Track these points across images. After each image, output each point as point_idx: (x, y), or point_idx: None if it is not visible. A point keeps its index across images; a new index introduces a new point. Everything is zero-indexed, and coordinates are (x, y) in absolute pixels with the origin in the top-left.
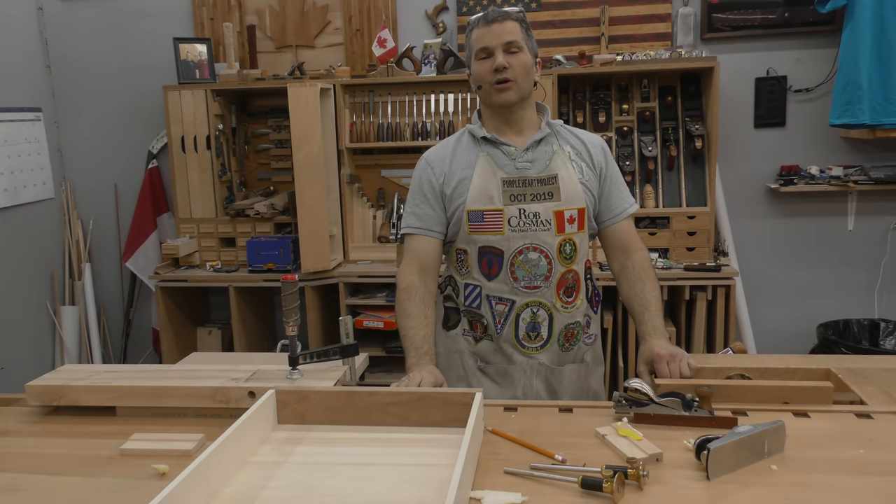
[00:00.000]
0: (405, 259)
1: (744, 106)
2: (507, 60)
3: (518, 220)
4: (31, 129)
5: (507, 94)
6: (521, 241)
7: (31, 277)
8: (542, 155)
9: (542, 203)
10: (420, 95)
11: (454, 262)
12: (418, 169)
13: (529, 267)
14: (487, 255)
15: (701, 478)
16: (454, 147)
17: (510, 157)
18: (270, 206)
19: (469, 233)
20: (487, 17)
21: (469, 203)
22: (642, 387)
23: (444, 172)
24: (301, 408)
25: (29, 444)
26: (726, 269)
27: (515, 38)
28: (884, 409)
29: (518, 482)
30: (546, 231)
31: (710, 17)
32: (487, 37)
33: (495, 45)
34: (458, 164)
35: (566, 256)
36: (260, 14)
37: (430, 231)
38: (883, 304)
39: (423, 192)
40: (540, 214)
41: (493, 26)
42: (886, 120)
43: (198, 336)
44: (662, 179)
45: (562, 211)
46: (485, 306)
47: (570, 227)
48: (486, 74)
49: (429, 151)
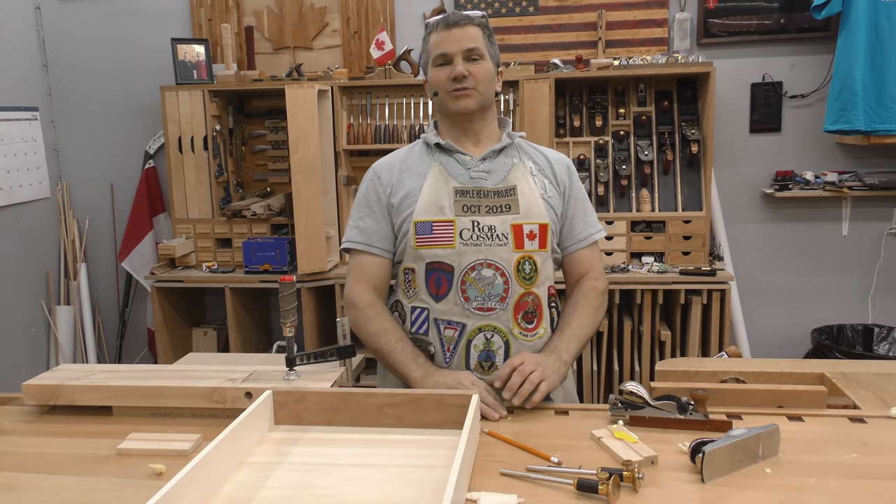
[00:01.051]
0: (354, 276)
1: (739, 111)
2: (467, 68)
3: (471, 233)
4: (27, 128)
5: (466, 101)
6: (473, 257)
7: (27, 277)
8: (501, 166)
9: (499, 216)
10: (417, 98)
11: (402, 283)
12: (365, 180)
13: (483, 285)
14: (436, 272)
15: (696, 480)
16: (405, 156)
17: (465, 166)
18: (267, 207)
19: (416, 247)
20: (448, 20)
21: (417, 213)
22: (638, 389)
23: (391, 182)
24: (298, 408)
25: (25, 444)
26: (721, 274)
27: (477, 45)
28: (877, 414)
29: (514, 484)
30: (502, 246)
31: (706, 23)
32: (447, 42)
33: (455, 52)
34: (409, 173)
35: (525, 276)
36: (258, 15)
37: (372, 247)
38: (877, 310)
39: (369, 204)
40: (496, 228)
41: (454, 31)
42: (881, 126)
43: (193, 337)
44: (658, 184)
45: (521, 225)
46: (432, 332)
47: (529, 243)
48: (444, 82)
49: (378, 162)
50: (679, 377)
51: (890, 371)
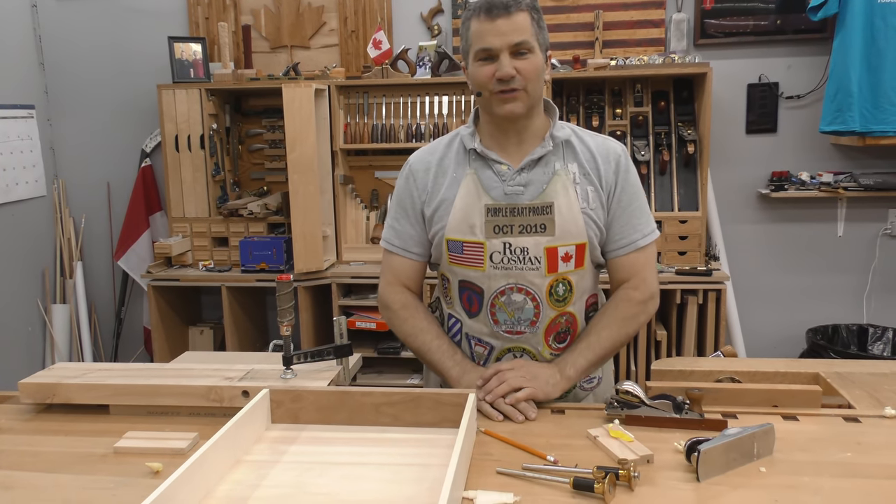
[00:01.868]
0: (387, 276)
1: (736, 112)
2: (515, 66)
3: (501, 256)
4: (23, 126)
5: (514, 105)
6: (503, 281)
7: (22, 275)
8: (540, 177)
9: (532, 237)
10: (415, 97)
11: (440, 286)
12: (402, 177)
13: (512, 310)
14: (467, 290)
15: (691, 479)
16: (442, 155)
17: (501, 177)
18: (264, 206)
19: (449, 263)
20: (491, 7)
21: (448, 231)
22: (634, 389)
23: (426, 188)
24: (295, 407)
25: (22, 442)
26: (717, 274)
27: (525, 38)
28: (871, 413)
29: (510, 482)
30: (534, 270)
31: (703, 24)
32: (491, 35)
33: (500, 47)
34: (444, 178)
35: (558, 298)
36: (255, 14)
37: (408, 252)
38: (871, 310)
39: (404, 208)
40: (528, 250)
41: (499, 22)
42: (876, 127)
43: (189, 335)
44: (655, 184)
45: (555, 248)
46: (464, 345)
47: (564, 265)
48: (488, 81)
49: (415, 156)
50: (675, 376)
51: (884, 371)
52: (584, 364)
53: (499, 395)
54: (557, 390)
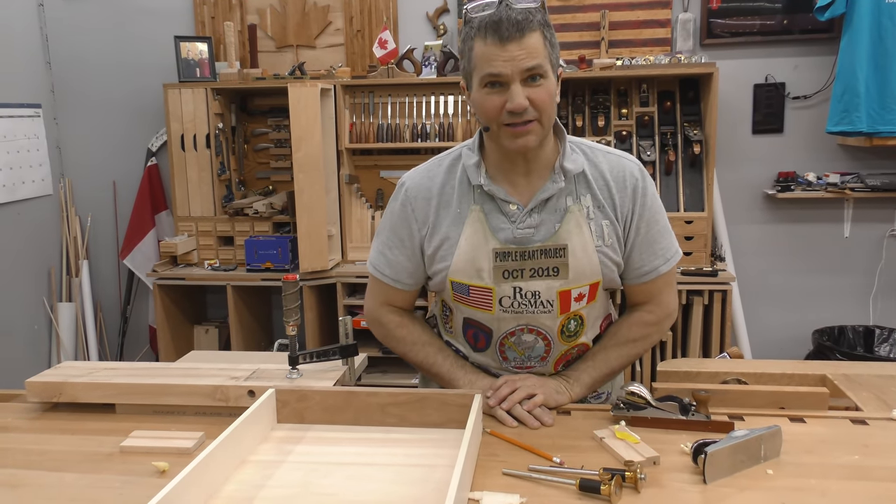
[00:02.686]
0: (377, 298)
1: (742, 112)
2: (528, 95)
3: (511, 301)
4: (30, 125)
5: (527, 140)
6: (514, 323)
7: (29, 274)
8: (551, 215)
9: (544, 280)
10: (420, 97)
11: (440, 311)
12: (397, 202)
13: (522, 349)
14: (473, 328)
15: (698, 481)
16: (443, 183)
17: (510, 218)
18: (269, 205)
19: (454, 301)
20: (500, 29)
21: (453, 273)
22: (640, 390)
23: (427, 221)
24: (300, 407)
25: (28, 441)
26: (723, 275)
27: (538, 62)
28: (878, 416)
29: (516, 484)
30: (546, 313)
31: (709, 24)
32: (499, 60)
33: (511, 74)
34: (447, 211)
35: (569, 335)
36: (261, 13)
37: (399, 283)
38: (878, 311)
39: (400, 238)
40: (540, 294)
41: (510, 46)
42: (883, 128)
43: (195, 334)
44: (660, 184)
45: (568, 290)
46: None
47: (577, 304)
48: (497, 113)
49: (412, 180)
50: (681, 378)
51: (891, 373)
52: (588, 381)
53: (515, 402)
54: (565, 399)
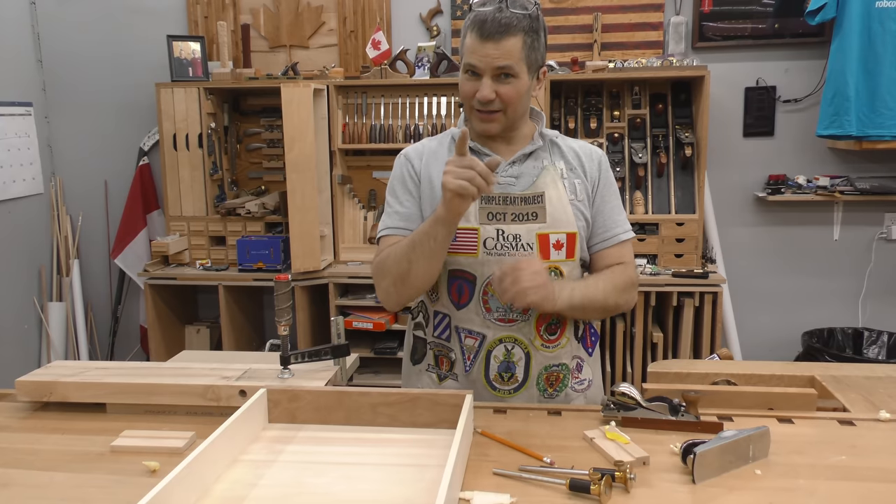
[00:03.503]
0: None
1: (733, 115)
2: (495, 89)
3: (495, 243)
4: (21, 123)
5: (490, 126)
6: (496, 267)
7: (19, 273)
8: (530, 170)
9: (525, 224)
10: (413, 98)
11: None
12: (398, 165)
13: None
14: (458, 280)
15: (687, 481)
16: (435, 148)
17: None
18: (261, 205)
19: None
20: (484, 28)
21: None
22: (630, 391)
23: (420, 171)
24: (292, 407)
25: (18, 440)
26: (714, 276)
27: (510, 63)
28: (866, 417)
29: (507, 483)
30: (527, 256)
31: (701, 27)
32: (477, 54)
33: (484, 69)
34: (436, 164)
35: None
36: (254, 13)
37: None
38: (867, 314)
39: (408, 188)
40: (521, 237)
41: (488, 45)
42: (872, 132)
43: (186, 334)
44: (652, 186)
45: (547, 234)
46: (454, 339)
47: (556, 253)
48: (470, 97)
49: (407, 149)
50: (671, 379)
51: (879, 374)
52: (568, 295)
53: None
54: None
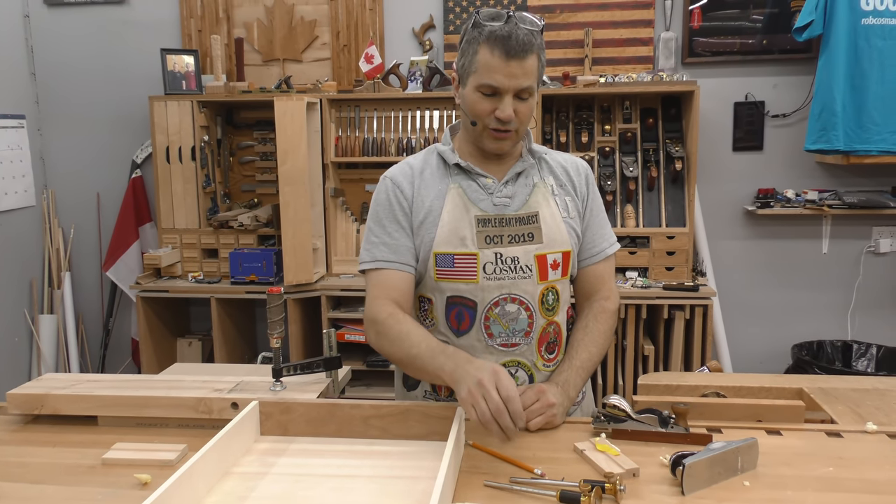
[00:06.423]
0: (373, 292)
1: (723, 129)
2: (515, 108)
3: (494, 267)
4: (13, 135)
5: (503, 144)
6: (497, 292)
7: (10, 285)
8: (522, 188)
9: (522, 246)
10: (406, 111)
11: (417, 310)
12: (384, 190)
13: (507, 321)
14: (457, 306)
15: (676, 493)
16: (421, 168)
17: (487, 190)
18: (254, 217)
19: (436, 279)
20: (508, 47)
21: (437, 244)
22: (620, 403)
23: (411, 197)
24: (284, 419)
25: (9, 453)
26: (704, 289)
27: (532, 83)
28: (853, 429)
29: (498, 495)
30: (527, 279)
31: (691, 42)
32: (501, 74)
33: (507, 89)
34: (427, 189)
35: (548, 307)
36: (248, 27)
37: (405, 266)
38: (856, 326)
39: (396, 219)
40: (519, 259)
41: (513, 64)
42: (860, 146)
43: (177, 347)
44: (643, 200)
45: (544, 255)
46: None
47: (553, 273)
48: (486, 116)
49: (393, 171)
50: (661, 391)
51: (866, 387)
52: (580, 384)
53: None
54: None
